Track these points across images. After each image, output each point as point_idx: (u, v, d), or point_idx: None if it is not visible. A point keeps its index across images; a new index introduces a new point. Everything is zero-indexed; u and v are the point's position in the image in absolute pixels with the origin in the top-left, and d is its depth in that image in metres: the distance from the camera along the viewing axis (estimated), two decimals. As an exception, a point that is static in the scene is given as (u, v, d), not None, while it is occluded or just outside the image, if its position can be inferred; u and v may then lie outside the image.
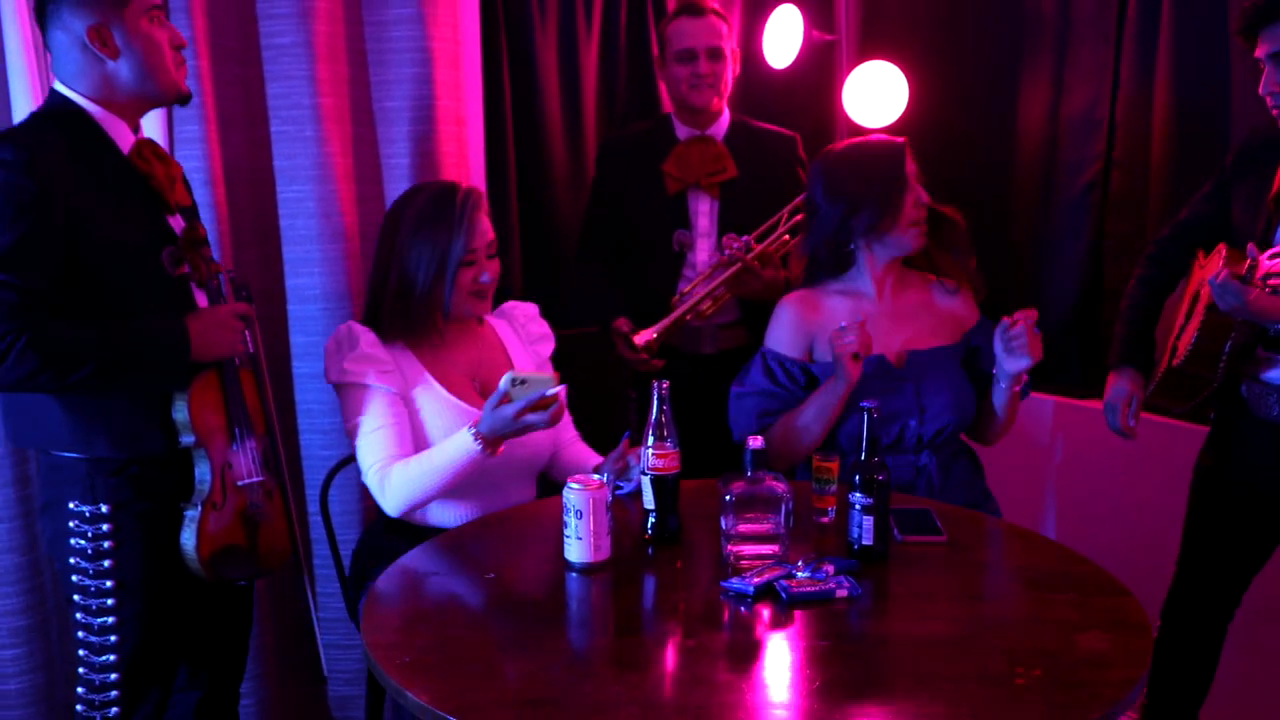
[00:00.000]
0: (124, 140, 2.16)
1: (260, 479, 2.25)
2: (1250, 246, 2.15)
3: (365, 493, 2.74)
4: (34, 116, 2.16)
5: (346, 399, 2.39)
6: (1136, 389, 2.55)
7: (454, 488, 2.30)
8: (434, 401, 2.41)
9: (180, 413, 2.13)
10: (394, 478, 2.31)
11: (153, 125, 2.55)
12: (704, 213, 3.12)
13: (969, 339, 2.61)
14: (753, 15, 3.75)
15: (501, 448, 2.27)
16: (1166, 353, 2.48)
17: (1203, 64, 2.89)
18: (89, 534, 2.16)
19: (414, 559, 2.14)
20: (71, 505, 2.17)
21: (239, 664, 2.50)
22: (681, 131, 3.16)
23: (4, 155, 1.98)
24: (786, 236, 2.98)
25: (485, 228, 2.44)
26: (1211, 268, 2.35)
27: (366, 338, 2.40)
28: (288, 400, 2.86)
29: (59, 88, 2.13)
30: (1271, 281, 2.03)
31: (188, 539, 2.17)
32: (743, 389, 2.59)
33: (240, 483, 2.22)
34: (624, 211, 3.19)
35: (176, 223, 2.20)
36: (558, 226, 3.62)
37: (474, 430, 2.23)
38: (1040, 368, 2.46)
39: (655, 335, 2.94)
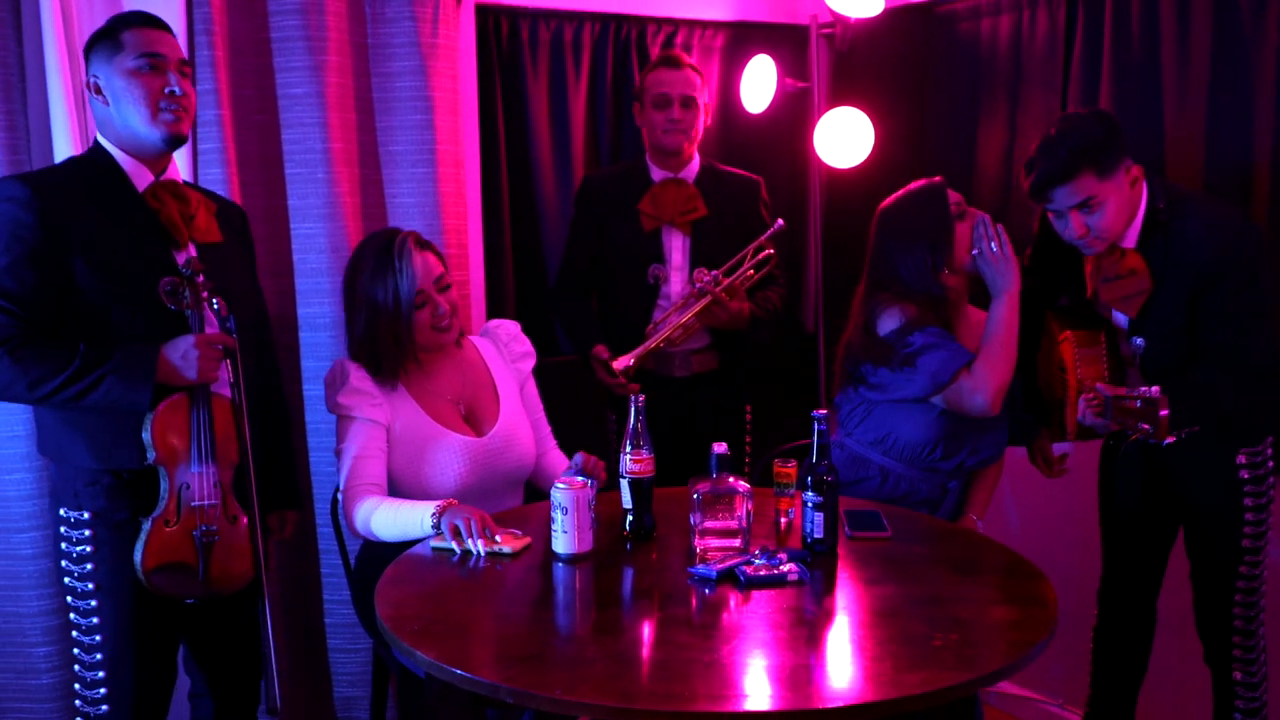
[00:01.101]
0: (141, 180, 2.29)
1: (214, 502, 2.26)
2: (1135, 389, 2.26)
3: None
4: (68, 160, 2.35)
5: (339, 427, 2.57)
6: (1044, 443, 2.84)
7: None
8: (421, 430, 2.57)
9: (145, 431, 2.20)
10: (365, 509, 2.42)
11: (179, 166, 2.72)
12: (677, 248, 3.25)
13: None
14: (731, 64, 3.87)
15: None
16: (1054, 423, 2.72)
17: (1138, 109, 3.01)
18: (74, 538, 2.27)
19: (419, 551, 2.31)
20: (61, 512, 2.29)
21: (253, 675, 2.56)
22: (656, 174, 3.28)
23: (12, 192, 2.17)
24: (751, 271, 3.16)
25: (429, 266, 2.55)
26: (1070, 355, 2.57)
27: (356, 373, 2.56)
28: (299, 420, 2.99)
29: (97, 134, 2.32)
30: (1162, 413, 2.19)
31: (137, 549, 2.21)
32: (915, 348, 2.55)
33: (194, 503, 2.24)
34: (603, 247, 3.32)
35: (185, 257, 2.29)
36: (548, 259, 3.72)
37: (435, 515, 2.32)
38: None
39: (632, 361, 3.08)
